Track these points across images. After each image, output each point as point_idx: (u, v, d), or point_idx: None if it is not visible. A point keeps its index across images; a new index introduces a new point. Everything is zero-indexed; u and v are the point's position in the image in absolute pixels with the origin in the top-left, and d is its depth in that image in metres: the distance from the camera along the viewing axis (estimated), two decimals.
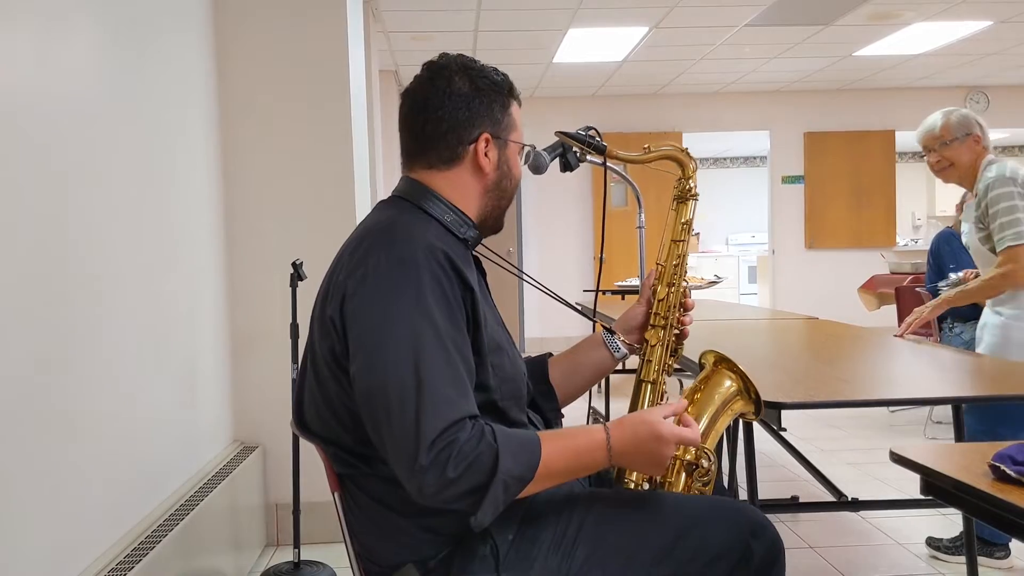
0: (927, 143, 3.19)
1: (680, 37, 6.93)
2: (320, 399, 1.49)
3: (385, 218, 1.52)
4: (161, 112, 2.68)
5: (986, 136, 3.13)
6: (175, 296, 2.75)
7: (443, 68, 1.57)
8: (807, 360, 2.81)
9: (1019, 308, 3.00)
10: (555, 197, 9.44)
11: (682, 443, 1.46)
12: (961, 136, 3.11)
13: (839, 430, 5.31)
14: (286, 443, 3.10)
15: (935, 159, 3.17)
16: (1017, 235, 2.91)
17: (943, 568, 3.10)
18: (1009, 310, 3.02)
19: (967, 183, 3.17)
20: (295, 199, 3.37)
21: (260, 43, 3.34)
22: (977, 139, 3.11)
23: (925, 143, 3.20)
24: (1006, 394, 2.25)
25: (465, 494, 1.30)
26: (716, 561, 1.43)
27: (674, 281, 1.77)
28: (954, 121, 3.13)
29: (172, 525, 2.36)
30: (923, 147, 3.22)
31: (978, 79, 9.04)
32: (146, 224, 2.52)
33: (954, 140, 3.12)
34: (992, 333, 3.08)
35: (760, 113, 9.54)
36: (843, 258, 9.43)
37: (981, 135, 3.12)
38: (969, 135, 3.11)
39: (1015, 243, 2.91)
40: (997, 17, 6.49)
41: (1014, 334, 3.00)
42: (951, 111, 3.18)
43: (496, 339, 1.52)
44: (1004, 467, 1.27)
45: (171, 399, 2.68)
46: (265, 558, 3.28)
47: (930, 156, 3.19)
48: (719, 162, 14.20)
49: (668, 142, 1.85)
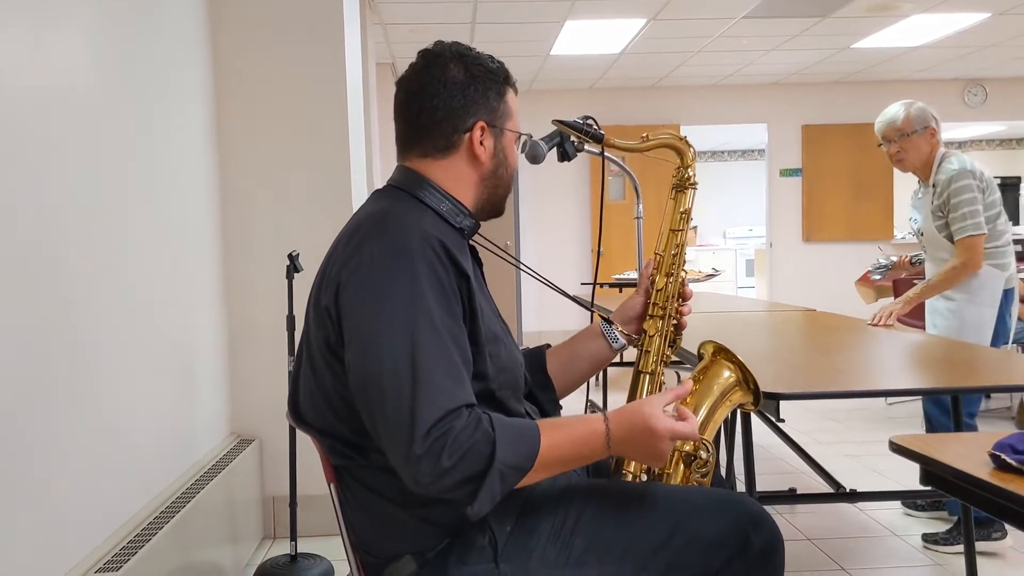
0: (887, 134, 3.38)
1: (678, 29, 6.90)
2: (316, 390, 1.48)
3: (380, 208, 1.51)
4: (154, 103, 2.66)
5: (940, 130, 3.36)
6: (171, 289, 2.73)
7: (438, 56, 1.56)
8: (805, 352, 2.80)
9: (970, 292, 3.26)
10: (553, 190, 9.42)
11: (677, 438, 1.44)
12: (920, 128, 3.32)
13: (836, 422, 5.31)
14: (283, 436, 3.09)
15: (895, 149, 3.37)
16: (976, 225, 3.17)
17: (940, 560, 3.10)
18: (960, 294, 3.28)
19: (922, 173, 3.39)
20: (291, 191, 3.36)
21: (256, 36, 3.32)
22: (933, 132, 3.33)
23: (885, 134, 3.39)
24: (1003, 384, 2.25)
25: (461, 483, 1.29)
26: (714, 550, 1.42)
27: (672, 271, 1.76)
28: (914, 114, 3.33)
29: (168, 518, 2.36)
30: (883, 137, 3.41)
31: (976, 72, 9.02)
32: (141, 217, 2.50)
33: (914, 132, 3.32)
34: (946, 317, 3.33)
35: (758, 106, 9.52)
36: (840, 251, 9.41)
37: (936, 128, 3.34)
38: (927, 128, 3.33)
39: (975, 232, 3.17)
40: (995, 9, 6.47)
41: (967, 317, 3.26)
42: (910, 103, 3.38)
43: (493, 329, 1.51)
44: (1004, 456, 1.26)
45: (167, 392, 2.67)
46: (262, 551, 3.27)
47: (890, 147, 3.39)
48: (717, 155, 14.18)
49: (666, 131, 1.83)
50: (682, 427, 1.43)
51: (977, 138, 13.27)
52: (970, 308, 3.26)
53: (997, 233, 3.28)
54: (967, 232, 3.18)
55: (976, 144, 13.48)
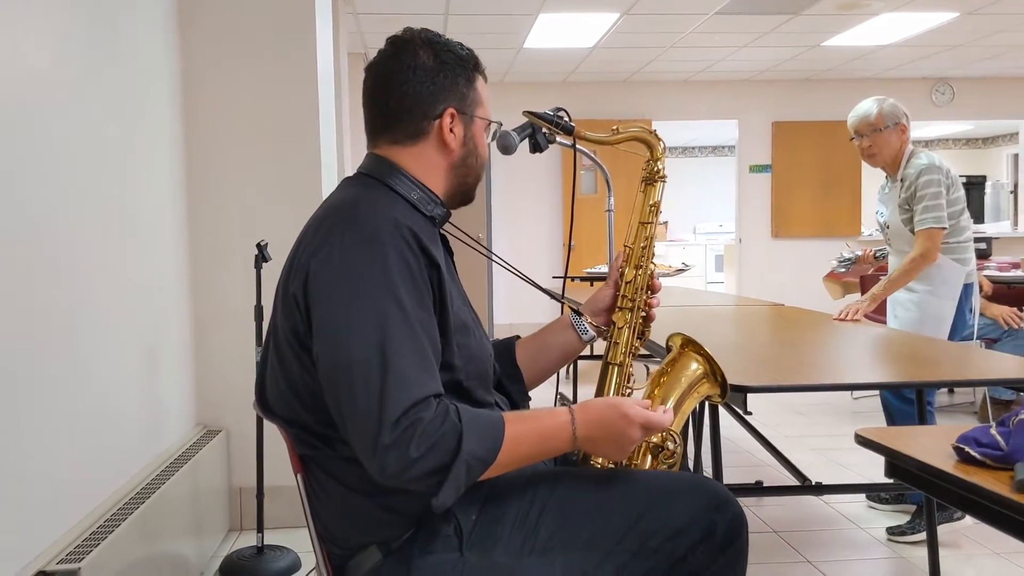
0: (860, 128, 3.47)
1: (651, 24, 6.92)
2: (282, 379, 1.47)
3: (350, 195, 1.50)
4: (121, 88, 2.62)
5: (910, 127, 3.45)
6: (136, 277, 2.70)
7: (407, 42, 1.54)
8: (773, 345, 2.82)
9: (932, 284, 3.36)
10: (524, 184, 9.42)
11: (649, 426, 1.44)
12: (892, 124, 3.41)
13: (803, 416, 5.36)
14: (250, 427, 3.07)
15: (867, 144, 3.46)
16: (937, 219, 3.28)
17: (903, 551, 3.14)
18: (922, 286, 3.38)
19: (891, 169, 3.48)
20: (260, 180, 3.32)
21: (225, 22, 3.28)
22: (904, 129, 3.43)
23: (858, 128, 3.47)
24: (966, 378, 2.28)
25: (427, 474, 1.28)
26: (679, 535, 1.43)
27: (642, 263, 1.76)
28: (887, 110, 3.42)
29: (131, 509, 2.32)
30: (855, 132, 3.49)
31: (944, 71, 9.14)
32: (106, 203, 2.46)
33: (886, 128, 3.41)
34: (907, 308, 3.43)
35: (729, 102, 9.58)
36: (809, 247, 9.50)
37: (907, 125, 3.44)
38: (898, 124, 3.42)
39: (935, 226, 3.28)
40: (963, 9, 6.55)
41: (929, 309, 3.37)
42: (883, 100, 3.47)
43: (462, 319, 1.50)
44: (968, 449, 1.28)
45: (132, 382, 2.63)
46: (228, 543, 3.24)
47: (862, 141, 3.48)
48: (688, 151, 14.26)
49: (637, 124, 1.84)
50: (655, 416, 1.43)
51: (944, 137, 13.45)
52: (932, 300, 3.36)
53: (959, 229, 3.39)
54: (927, 224, 3.29)
55: (943, 143, 13.66)
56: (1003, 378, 2.19)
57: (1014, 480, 1.16)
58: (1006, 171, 12.87)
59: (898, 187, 3.41)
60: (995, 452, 1.25)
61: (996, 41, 7.67)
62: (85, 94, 2.34)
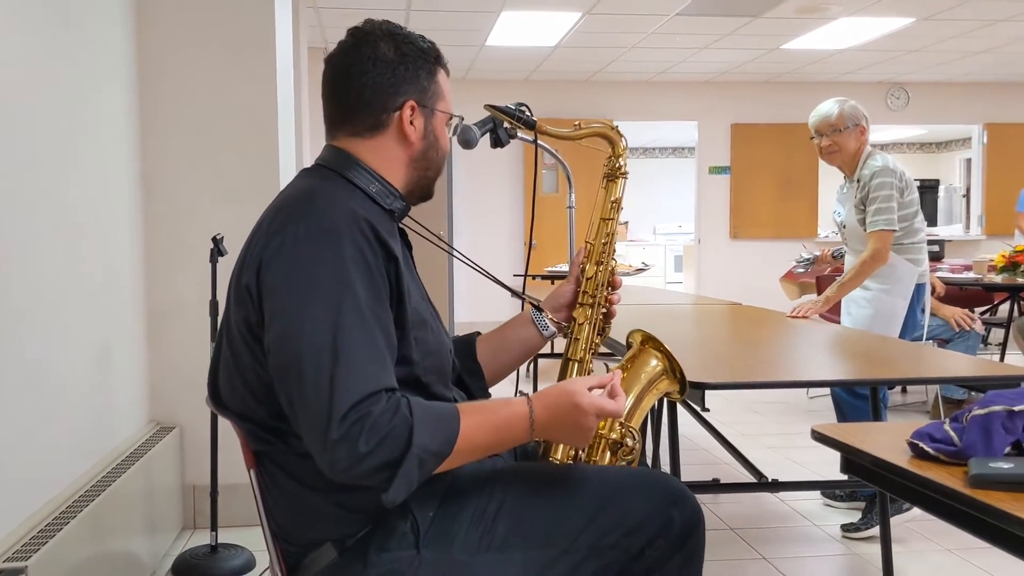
0: (820, 128, 3.54)
1: (612, 24, 6.94)
2: (235, 372, 1.44)
3: (306, 186, 1.47)
4: (74, 83, 2.56)
5: (869, 129, 3.53)
6: (87, 269, 2.64)
7: (368, 33, 1.52)
8: (731, 343, 2.84)
9: (886, 283, 3.44)
10: (486, 182, 9.40)
11: (602, 414, 1.42)
12: (852, 126, 3.49)
13: (759, 415, 5.41)
14: (204, 424, 3.02)
15: (827, 143, 3.53)
16: (888, 221, 3.35)
17: (857, 548, 3.18)
18: (877, 284, 3.46)
19: (848, 169, 3.56)
20: (217, 175, 3.27)
21: (183, 16, 3.22)
22: (863, 130, 3.51)
23: (818, 128, 3.55)
24: (920, 376, 2.31)
25: (377, 469, 1.26)
26: (636, 531, 1.42)
27: (602, 259, 1.76)
28: (847, 111, 3.50)
29: (81, 507, 2.27)
30: (815, 131, 3.56)
31: (899, 75, 9.29)
32: (57, 197, 2.40)
33: (846, 128, 3.48)
34: (861, 305, 3.51)
35: (689, 103, 9.64)
36: (766, 248, 9.60)
37: (866, 127, 3.52)
38: (858, 125, 3.50)
39: (885, 228, 3.35)
40: (919, 14, 6.66)
41: (882, 307, 3.45)
42: (844, 101, 3.55)
43: (420, 313, 1.49)
44: (923, 444, 1.29)
45: (82, 378, 2.58)
46: (181, 541, 3.19)
47: (822, 140, 3.55)
48: (648, 152, 14.34)
49: (599, 120, 1.83)
50: (608, 404, 1.41)
51: (899, 141, 13.68)
52: (885, 298, 3.45)
53: (913, 231, 3.48)
54: (879, 226, 3.37)
55: (898, 147, 13.90)
56: (956, 376, 2.22)
57: (968, 475, 1.17)
58: (959, 175, 13.13)
59: (855, 187, 3.49)
60: (949, 448, 1.26)
61: (951, 47, 7.81)
62: (35, 88, 2.28)
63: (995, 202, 9.73)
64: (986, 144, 9.87)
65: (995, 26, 7.01)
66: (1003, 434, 1.24)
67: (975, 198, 10.20)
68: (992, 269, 5.86)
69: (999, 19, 6.79)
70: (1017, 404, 1.26)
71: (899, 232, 3.41)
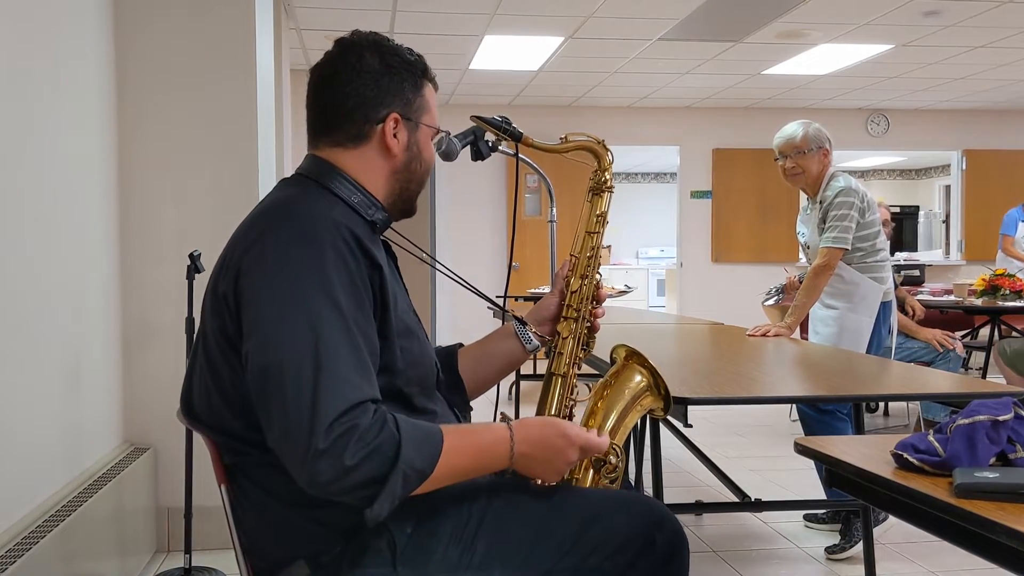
0: (785, 150, 3.57)
1: (595, 48, 6.98)
2: (211, 383, 1.40)
3: (287, 195, 1.45)
4: (50, 97, 2.53)
5: (832, 152, 3.57)
6: (59, 286, 2.59)
7: (354, 44, 1.51)
8: (713, 360, 2.83)
9: (851, 302, 3.49)
10: (469, 204, 9.39)
11: (587, 448, 1.43)
12: (815, 148, 3.52)
13: (742, 437, 5.40)
14: (179, 445, 2.96)
15: (790, 164, 3.56)
16: (838, 239, 3.39)
17: (839, 569, 3.16)
18: (842, 303, 3.50)
19: (811, 191, 3.60)
20: (195, 192, 3.25)
21: (162, 31, 3.20)
22: (826, 153, 3.55)
23: (783, 149, 3.58)
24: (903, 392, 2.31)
25: (362, 485, 1.22)
26: (619, 552, 1.40)
27: (587, 273, 1.74)
28: (812, 133, 3.53)
29: (49, 528, 2.22)
30: (780, 152, 3.59)
31: (879, 102, 9.37)
32: (28, 211, 2.37)
33: (809, 151, 3.52)
34: (827, 324, 3.56)
35: (671, 128, 9.69)
36: (747, 272, 9.62)
37: (829, 150, 3.55)
38: (821, 148, 3.54)
39: (835, 245, 3.40)
40: (898, 41, 6.73)
41: (847, 324, 3.50)
42: (808, 123, 3.59)
43: (406, 321, 1.46)
44: (907, 455, 1.27)
45: (54, 397, 2.53)
46: (155, 564, 3.12)
47: (785, 162, 3.58)
48: (631, 177, 14.40)
49: (585, 132, 1.81)
50: (594, 439, 1.43)
51: (879, 167, 13.80)
52: (850, 316, 3.50)
53: (875, 250, 3.52)
54: (828, 243, 3.41)
55: (877, 173, 14.02)
56: (939, 392, 2.21)
57: (952, 485, 1.15)
58: (938, 201, 13.25)
59: (817, 208, 3.52)
60: (933, 458, 1.24)
61: (929, 73, 7.90)
62: (9, 97, 2.25)
63: (975, 227, 9.80)
64: (965, 170, 9.96)
65: (973, 52, 7.09)
66: (987, 444, 1.23)
67: (955, 224, 10.28)
68: (972, 293, 5.90)
69: (977, 45, 6.87)
70: (1001, 414, 1.24)
71: (861, 251, 3.45)
